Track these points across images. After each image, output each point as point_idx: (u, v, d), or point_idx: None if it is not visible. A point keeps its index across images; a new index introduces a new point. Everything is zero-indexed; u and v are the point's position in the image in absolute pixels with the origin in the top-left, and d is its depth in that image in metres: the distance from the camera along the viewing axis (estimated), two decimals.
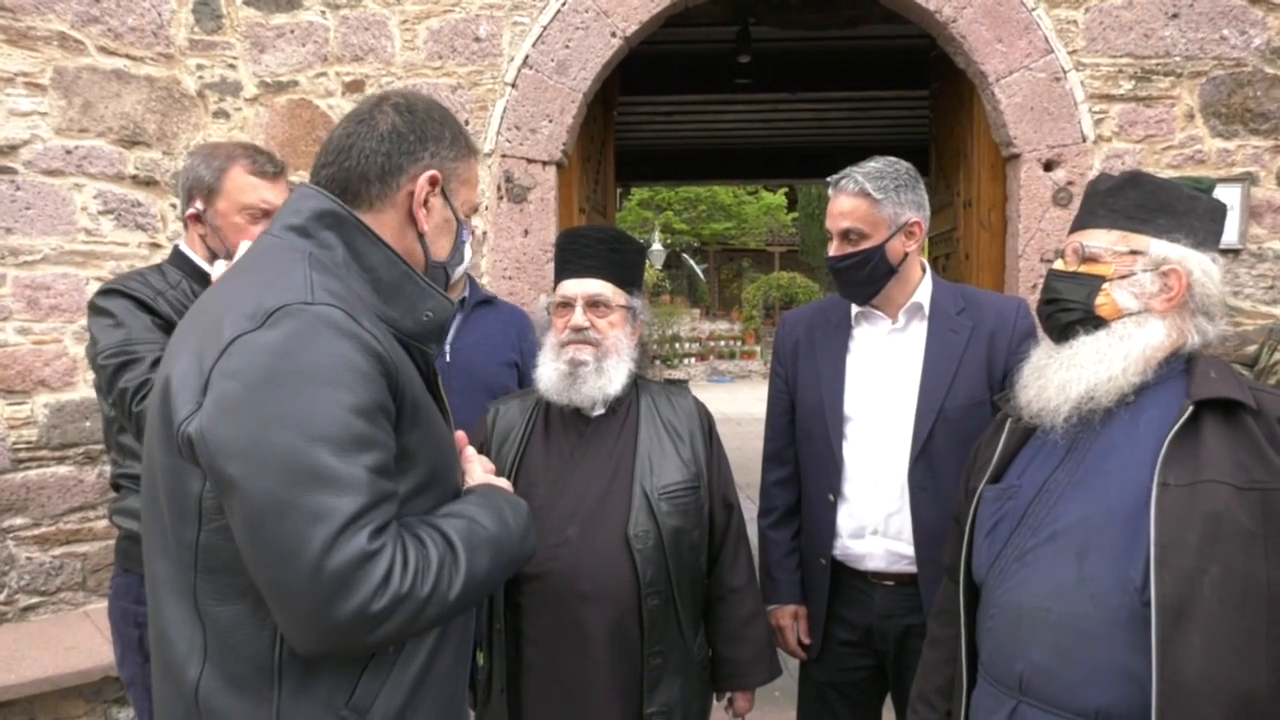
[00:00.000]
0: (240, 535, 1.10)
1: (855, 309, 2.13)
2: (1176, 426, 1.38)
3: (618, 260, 1.97)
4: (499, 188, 3.52)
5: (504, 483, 1.45)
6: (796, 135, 7.96)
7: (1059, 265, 1.57)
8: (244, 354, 1.10)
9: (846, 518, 2.07)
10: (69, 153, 3.20)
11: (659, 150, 8.03)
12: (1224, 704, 1.29)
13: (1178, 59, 3.40)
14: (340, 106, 3.55)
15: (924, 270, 2.11)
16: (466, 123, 3.52)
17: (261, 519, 1.06)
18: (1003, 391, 1.70)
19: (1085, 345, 1.49)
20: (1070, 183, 3.43)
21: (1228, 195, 3.36)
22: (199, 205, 2.05)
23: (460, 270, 1.42)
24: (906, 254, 2.02)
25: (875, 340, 2.11)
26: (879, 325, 2.11)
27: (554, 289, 2.03)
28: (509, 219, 3.53)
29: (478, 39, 3.52)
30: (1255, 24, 3.36)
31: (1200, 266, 1.47)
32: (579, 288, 1.95)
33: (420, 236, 1.30)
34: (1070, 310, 1.52)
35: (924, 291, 2.08)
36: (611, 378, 1.92)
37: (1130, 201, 1.52)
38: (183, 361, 1.15)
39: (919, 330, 2.08)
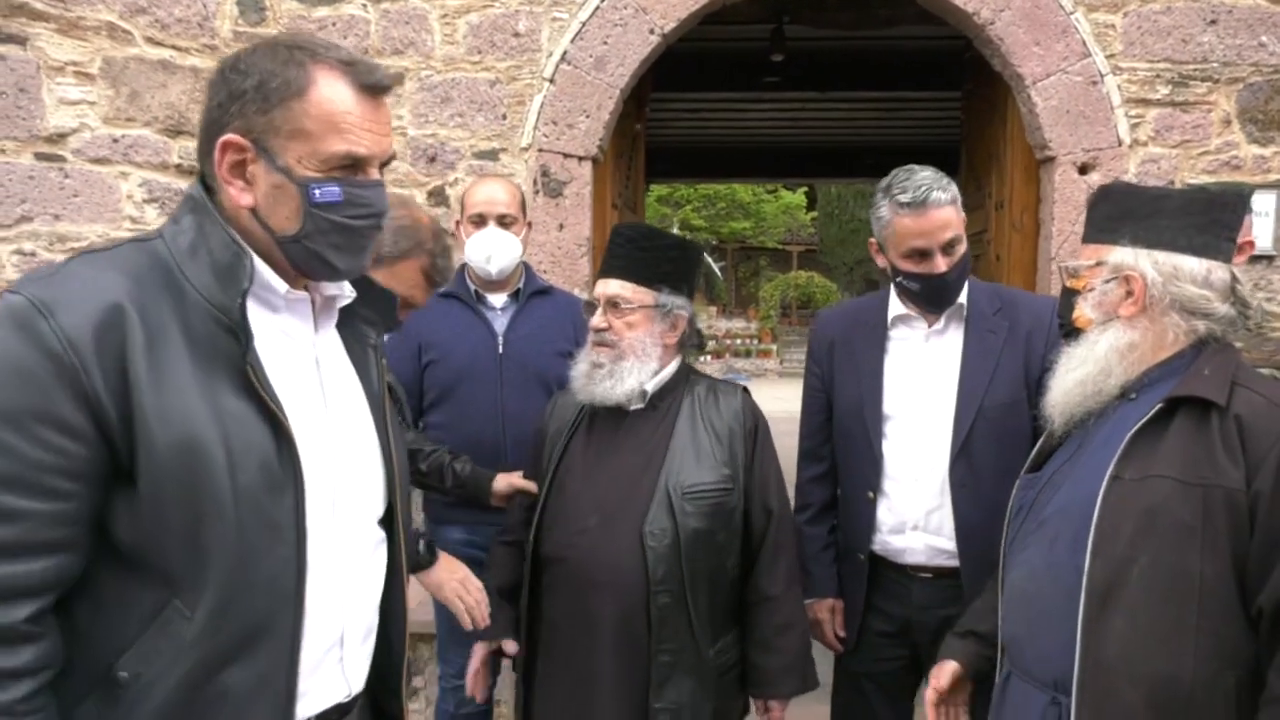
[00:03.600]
0: None
1: (894, 310, 2.15)
2: (1140, 423, 1.46)
3: (642, 258, 1.97)
4: (535, 181, 3.55)
5: None
6: (825, 134, 7.97)
7: (1066, 281, 1.67)
8: None
9: (886, 513, 2.10)
10: (115, 141, 3.26)
11: (686, 147, 8.04)
12: (1142, 685, 1.39)
13: (1215, 65, 3.40)
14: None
15: None
16: (504, 117, 3.56)
17: None
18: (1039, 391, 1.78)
19: (1067, 354, 1.61)
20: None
21: (1264, 202, 3.36)
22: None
23: (357, 225, 1.19)
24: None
25: (914, 341, 2.13)
26: (917, 327, 2.13)
27: None
28: (545, 213, 3.56)
29: (517, 34, 3.56)
30: None
31: (1158, 267, 1.50)
32: (601, 288, 1.99)
33: (252, 213, 1.16)
34: (1064, 324, 1.65)
35: (962, 294, 2.10)
36: (623, 379, 1.93)
37: (1101, 214, 1.61)
38: None
39: (957, 330, 2.10)
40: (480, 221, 2.50)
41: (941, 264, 2.01)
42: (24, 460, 1.02)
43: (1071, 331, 1.64)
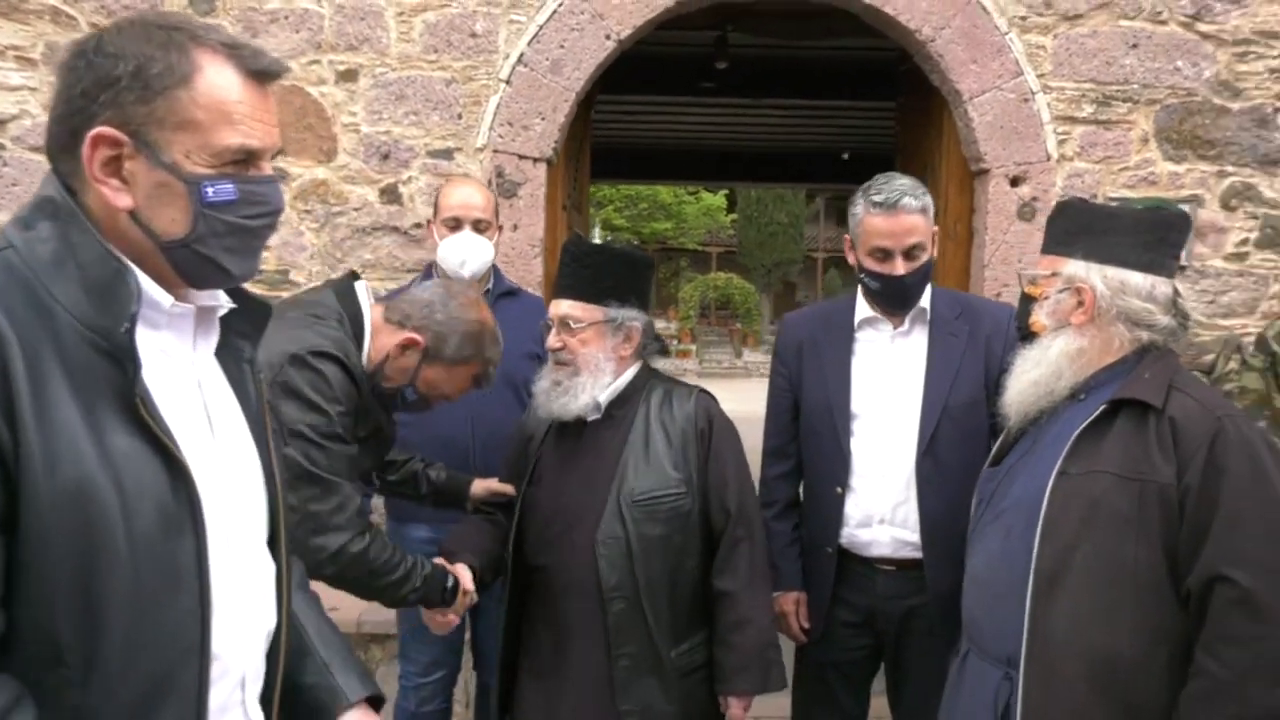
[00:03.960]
0: None
1: (860, 315, 2.26)
2: (1085, 423, 1.60)
3: (588, 275, 2.02)
4: (490, 182, 3.57)
5: None
6: (760, 139, 8.15)
7: (1024, 287, 1.84)
8: None
9: (854, 508, 2.20)
10: None
11: (621, 148, 8.12)
12: (1083, 661, 1.53)
13: (1136, 86, 3.63)
14: (333, 95, 3.56)
15: None
16: (459, 116, 3.58)
17: None
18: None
19: (1023, 358, 1.75)
20: (1034, 198, 3.64)
21: None
22: (419, 344, 1.97)
23: (254, 226, 1.09)
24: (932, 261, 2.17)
25: (880, 343, 2.24)
26: (883, 330, 2.25)
27: None
28: (499, 213, 3.58)
29: (474, 35, 3.57)
30: (1206, 57, 3.62)
31: (1106, 281, 1.64)
32: (553, 309, 2.06)
33: (131, 216, 1.02)
34: (1022, 329, 1.80)
35: (926, 297, 2.22)
36: (578, 395, 1.99)
37: (1059, 228, 1.75)
38: None
39: (921, 333, 2.22)
40: (456, 225, 2.53)
41: (900, 267, 2.12)
42: None
43: (1029, 335, 1.78)
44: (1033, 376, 1.70)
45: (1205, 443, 1.51)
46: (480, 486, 2.26)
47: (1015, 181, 3.65)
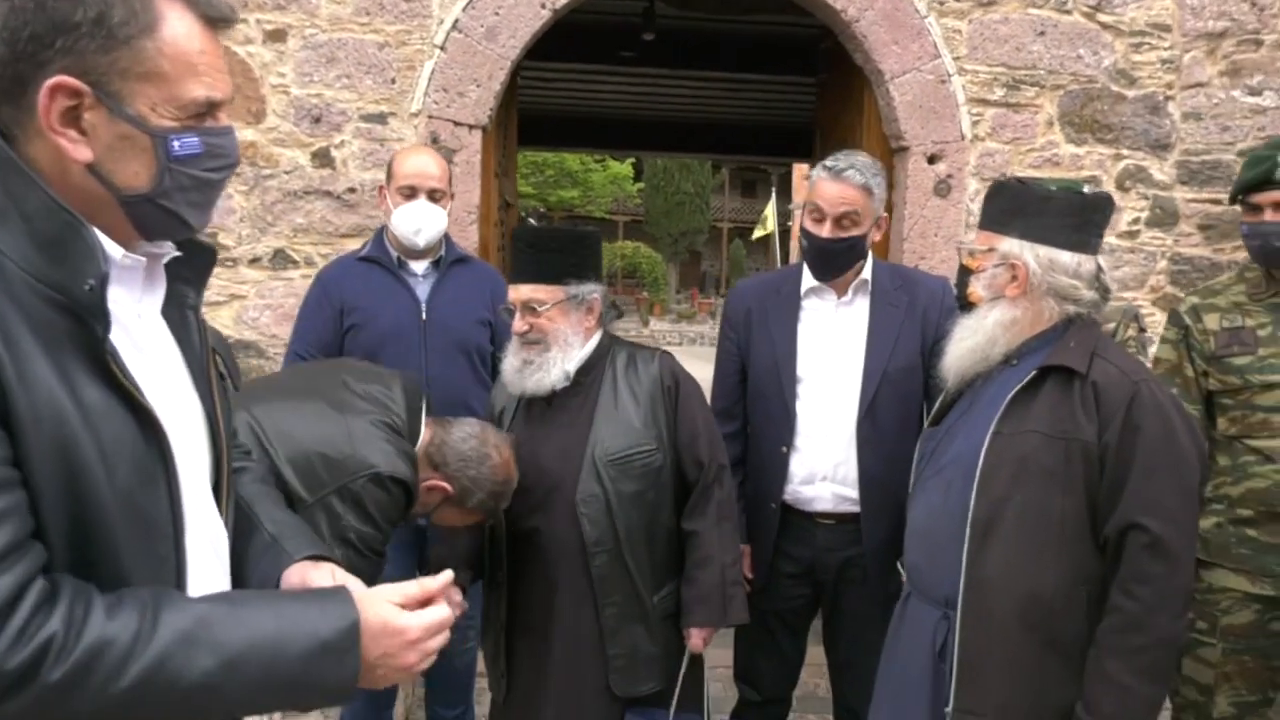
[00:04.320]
0: None
1: (806, 284, 2.39)
2: (1018, 387, 1.76)
3: (545, 259, 2.12)
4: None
5: (396, 595, 1.11)
6: (680, 110, 8.22)
7: (963, 260, 1.97)
8: None
9: (799, 466, 2.35)
10: None
11: (544, 115, 8.07)
12: (1015, 598, 1.71)
13: (1042, 72, 3.86)
14: (260, 55, 3.49)
15: (868, 252, 2.40)
16: (393, 81, 3.55)
17: None
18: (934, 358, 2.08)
19: (962, 325, 1.89)
20: (950, 175, 3.84)
21: None
22: (448, 492, 2.08)
23: (214, 179, 1.07)
24: (874, 243, 2.30)
25: (824, 311, 2.38)
26: (827, 298, 2.39)
27: None
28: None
29: None
30: (1106, 47, 3.86)
31: (1038, 259, 1.79)
32: (514, 293, 2.15)
33: (89, 169, 0.98)
34: (960, 298, 1.93)
35: (867, 270, 2.37)
36: (550, 371, 2.10)
37: (995, 207, 1.88)
38: None
39: (863, 303, 2.37)
40: (411, 194, 2.54)
41: (827, 229, 2.26)
42: None
43: (967, 305, 1.92)
44: (970, 344, 1.85)
45: (1124, 405, 1.68)
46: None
47: (932, 159, 3.84)
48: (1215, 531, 2.35)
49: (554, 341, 2.10)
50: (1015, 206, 1.83)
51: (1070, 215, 1.81)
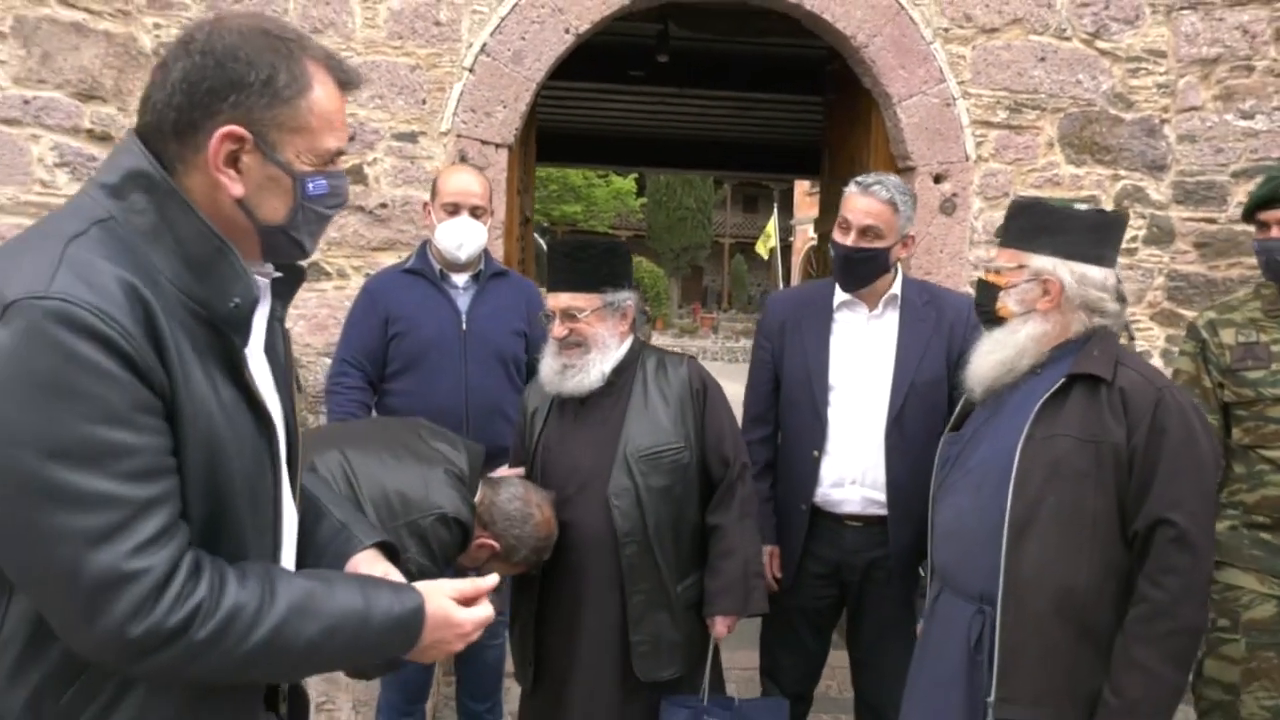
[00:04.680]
0: None
1: (839, 298, 2.54)
2: (1048, 394, 1.87)
3: (581, 269, 2.28)
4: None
5: (451, 590, 1.30)
6: (693, 127, 8.42)
7: (983, 275, 2.05)
8: None
9: (829, 470, 2.49)
10: (26, 103, 3.18)
11: (557, 133, 8.26)
12: (1050, 594, 1.81)
13: (1043, 96, 4.03)
14: None
15: (896, 269, 2.55)
16: (423, 102, 3.72)
17: (3, 537, 1.02)
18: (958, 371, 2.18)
19: (990, 338, 1.99)
20: (954, 194, 4.01)
21: None
22: (495, 548, 2.21)
23: (329, 214, 1.25)
24: (897, 260, 2.45)
25: (856, 324, 2.53)
26: (859, 311, 2.54)
27: None
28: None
29: (438, 23, 3.71)
30: (1104, 72, 4.04)
31: (1072, 274, 1.91)
32: (553, 301, 2.30)
33: (238, 203, 1.14)
34: (985, 312, 2.01)
35: (897, 285, 2.52)
36: (590, 372, 2.26)
37: (1020, 225, 1.99)
38: None
39: (893, 317, 2.52)
40: (454, 210, 2.70)
41: (851, 239, 2.41)
42: (149, 450, 1.04)
43: (992, 319, 2.01)
44: (999, 357, 1.95)
45: (1150, 409, 1.80)
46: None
47: (938, 179, 4.00)
48: (1229, 534, 2.44)
49: (593, 345, 2.25)
50: (1042, 225, 1.93)
51: (1093, 231, 1.93)
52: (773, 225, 27.67)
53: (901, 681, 2.57)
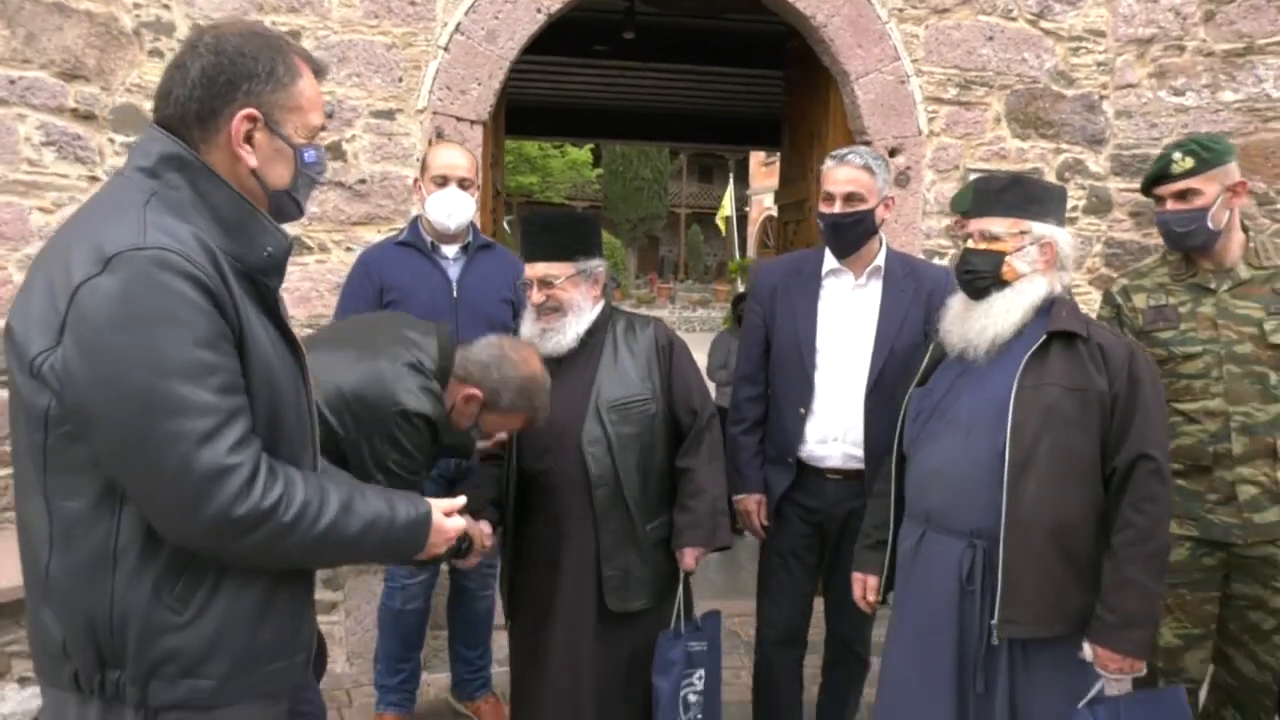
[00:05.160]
0: (106, 458, 1.26)
1: (826, 266, 2.73)
2: (1033, 349, 2.10)
3: (557, 239, 2.48)
4: (430, 141, 3.85)
5: (439, 505, 1.62)
6: (655, 100, 8.55)
7: (970, 244, 2.22)
8: (91, 299, 1.22)
9: (814, 427, 2.69)
10: (12, 83, 3.24)
11: (521, 106, 8.34)
12: (1047, 528, 2.04)
13: (990, 73, 4.25)
14: None
15: (881, 241, 2.75)
16: (400, 80, 3.83)
17: (124, 446, 1.24)
18: (930, 327, 2.41)
19: (997, 301, 2.16)
20: (909, 167, 4.23)
21: None
22: (479, 398, 2.29)
23: (317, 180, 1.51)
24: (883, 220, 2.65)
25: (842, 292, 2.72)
26: (844, 280, 2.73)
27: None
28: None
29: (413, 3, 3.82)
30: (1047, 50, 4.27)
31: (1062, 238, 2.18)
32: (530, 271, 2.49)
33: (253, 172, 1.38)
34: (984, 277, 2.18)
35: (881, 257, 2.72)
36: (566, 333, 2.46)
37: (1016, 196, 2.19)
38: (38, 294, 1.27)
39: (876, 287, 2.72)
40: (443, 182, 2.85)
41: (837, 206, 2.61)
42: (230, 370, 1.28)
43: (985, 287, 2.15)
44: (1015, 317, 2.12)
45: (1126, 362, 2.07)
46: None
47: (893, 152, 4.22)
48: None
49: (568, 309, 2.45)
50: (1031, 196, 2.18)
51: (1062, 202, 2.21)
52: (729, 196, 27.85)
53: (868, 617, 2.82)
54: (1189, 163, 2.56)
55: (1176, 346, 2.63)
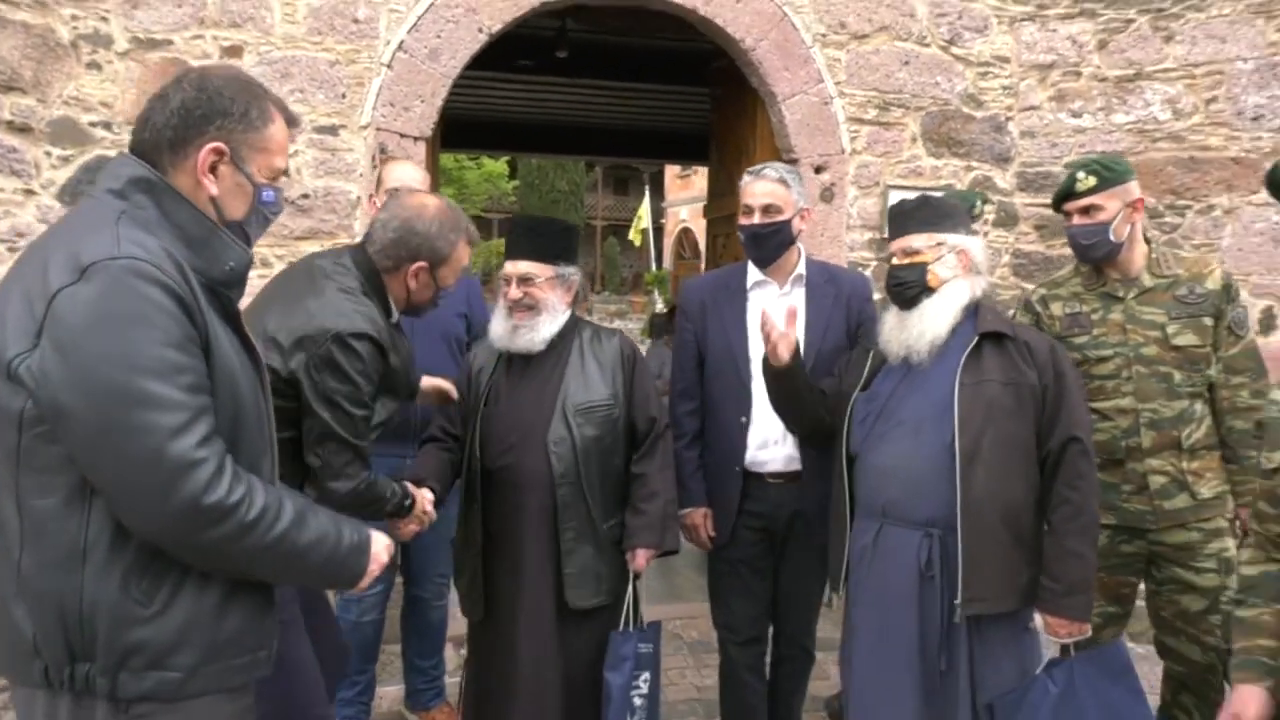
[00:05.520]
0: (79, 453, 1.34)
1: (751, 279, 2.89)
2: (968, 349, 2.32)
3: (540, 243, 2.61)
4: (374, 157, 3.92)
5: (378, 537, 1.69)
6: (582, 115, 8.68)
7: (895, 261, 2.44)
8: (69, 304, 1.31)
9: (755, 434, 2.82)
10: None
11: (450, 120, 8.37)
12: (997, 510, 2.25)
13: (907, 95, 4.53)
14: None
15: (800, 251, 2.93)
16: (343, 96, 3.88)
17: (97, 439, 1.32)
18: (867, 339, 2.60)
19: (929, 306, 2.37)
20: (833, 184, 4.47)
21: None
22: (423, 265, 2.28)
23: (271, 219, 1.63)
24: (800, 230, 2.82)
25: (768, 301, 2.86)
26: (769, 290, 2.89)
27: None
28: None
29: (356, 20, 3.88)
30: (958, 75, 4.57)
31: (974, 245, 2.43)
32: (512, 268, 2.61)
33: (212, 200, 1.47)
34: (912, 287, 2.39)
35: (802, 266, 2.89)
36: (539, 331, 2.58)
37: (928, 213, 2.43)
38: (14, 304, 1.35)
39: (800, 294, 2.87)
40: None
41: (756, 218, 2.78)
42: (197, 371, 1.38)
43: (914, 297, 2.37)
44: (949, 320, 2.34)
45: (1049, 357, 2.32)
46: (428, 383, 2.70)
47: (818, 170, 4.45)
48: None
49: (543, 309, 2.57)
50: (941, 212, 2.42)
51: (972, 218, 2.44)
52: (645, 209, 28.14)
53: (813, 613, 2.98)
54: (1091, 181, 2.82)
55: (1090, 350, 2.85)
